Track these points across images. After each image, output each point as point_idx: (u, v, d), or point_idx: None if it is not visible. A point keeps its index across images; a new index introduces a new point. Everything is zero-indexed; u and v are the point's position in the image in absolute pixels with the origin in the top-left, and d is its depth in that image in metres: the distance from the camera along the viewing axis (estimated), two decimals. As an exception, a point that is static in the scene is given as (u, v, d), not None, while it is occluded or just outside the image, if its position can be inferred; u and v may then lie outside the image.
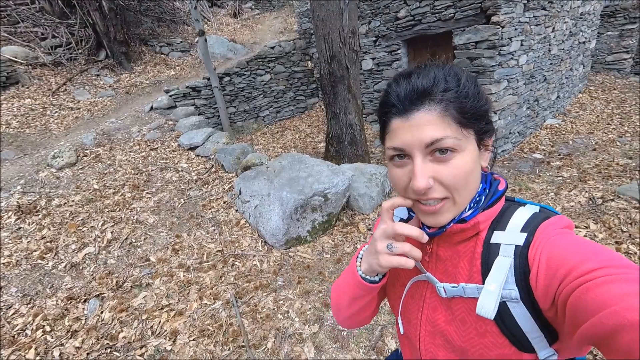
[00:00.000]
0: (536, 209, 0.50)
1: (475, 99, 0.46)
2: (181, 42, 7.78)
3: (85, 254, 2.57)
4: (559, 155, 4.43)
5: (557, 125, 5.38)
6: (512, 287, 0.43)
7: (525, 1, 4.04)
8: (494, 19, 3.83)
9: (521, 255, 0.43)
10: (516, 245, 0.44)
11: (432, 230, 0.52)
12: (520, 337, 0.44)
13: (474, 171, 0.47)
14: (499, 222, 0.48)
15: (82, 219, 2.92)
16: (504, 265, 0.44)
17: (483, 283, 0.46)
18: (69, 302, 2.14)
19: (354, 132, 4.03)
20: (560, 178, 3.68)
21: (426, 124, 0.44)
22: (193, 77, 6.52)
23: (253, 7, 10.05)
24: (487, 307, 0.42)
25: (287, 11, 9.62)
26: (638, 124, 4.87)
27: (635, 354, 0.30)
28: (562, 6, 4.84)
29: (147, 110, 5.14)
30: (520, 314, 0.43)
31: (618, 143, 4.42)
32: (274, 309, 2.14)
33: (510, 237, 0.45)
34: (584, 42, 5.97)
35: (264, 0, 10.35)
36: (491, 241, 0.47)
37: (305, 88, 7.31)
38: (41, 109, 5.10)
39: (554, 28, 4.82)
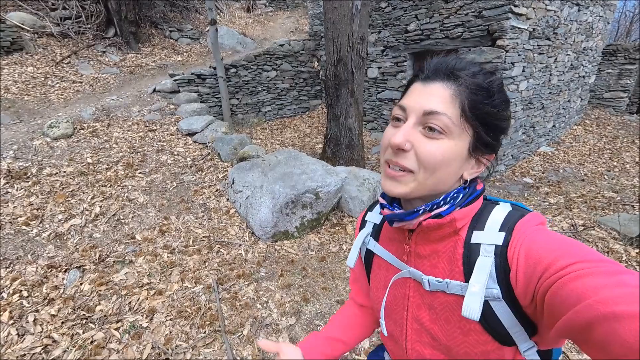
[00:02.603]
0: (509, 207, 0.51)
1: (492, 106, 0.47)
2: (191, 29, 7.79)
3: (71, 225, 2.56)
4: (549, 182, 4.54)
5: (549, 153, 5.51)
6: (494, 287, 0.44)
7: (531, 29, 4.17)
8: (499, 42, 3.94)
9: (501, 254, 0.44)
10: (496, 245, 0.45)
11: (402, 213, 0.52)
12: (503, 333, 0.45)
13: (449, 163, 0.47)
14: (478, 222, 0.49)
15: (71, 191, 2.91)
16: (485, 265, 0.45)
17: (466, 282, 0.47)
18: (49, 270, 2.13)
19: (352, 135, 4.08)
20: (547, 203, 3.77)
21: (436, 96, 0.46)
22: (199, 64, 6.53)
23: (267, 4, 10.12)
24: (472, 308, 0.43)
25: (300, 12, 9.71)
26: (627, 160, 5.02)
27: (610, 346, 0.30)
28: (566, 39, 4.99)
29: (150, 91, 5.14)
30: (503, 311, 0.44)
31: (606, 177, 4.54)
32: (253, 298, 2.16)
33: (489, 236, 0.46)
34: (583, 76, 6.14)
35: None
36: (471, 241, 0.48)
37: (310, 89, 7.36)
38: (43, 79, 5.06)
39: (556, 59, 4.96)
